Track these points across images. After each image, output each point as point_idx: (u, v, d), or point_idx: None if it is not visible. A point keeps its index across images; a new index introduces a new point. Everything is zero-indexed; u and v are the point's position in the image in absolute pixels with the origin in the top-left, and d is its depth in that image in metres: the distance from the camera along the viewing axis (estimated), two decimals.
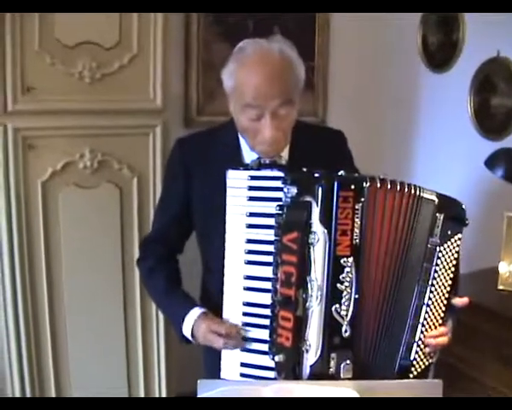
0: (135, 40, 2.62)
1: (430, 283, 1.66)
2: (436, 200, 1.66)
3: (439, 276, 1.67)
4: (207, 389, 1.42)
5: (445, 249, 1.67)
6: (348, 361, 1.58)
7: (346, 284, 1.56)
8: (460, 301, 1.71)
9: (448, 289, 1.69)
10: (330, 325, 1.56)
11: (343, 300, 1.56)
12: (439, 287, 1.67)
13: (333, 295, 1.56)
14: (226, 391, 1.42)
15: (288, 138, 1.82)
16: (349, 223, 1.56)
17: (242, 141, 1.86)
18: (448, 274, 1.68)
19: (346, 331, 1.57)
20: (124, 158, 2.70)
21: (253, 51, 1.72)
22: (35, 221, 2.55)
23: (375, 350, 1.63)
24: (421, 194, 1.65)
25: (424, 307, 1.66)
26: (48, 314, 2.64)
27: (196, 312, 1.80)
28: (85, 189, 2.65)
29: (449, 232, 1.67)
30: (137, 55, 2.64)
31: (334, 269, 1.55)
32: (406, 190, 1.63)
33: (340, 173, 1.58)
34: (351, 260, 1.56)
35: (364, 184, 1.58)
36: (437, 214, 1.66)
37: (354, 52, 3.67)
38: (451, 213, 1.68)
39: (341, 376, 1.57)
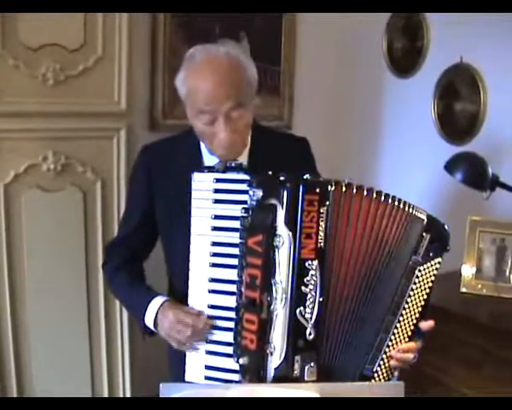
0: (100, 42, 2.62)
1: (405, 299, 1.66)
2: (425, 219, 1.67)
3: (414, 295, 1.67)
4: (171, 393, 1.41)
5: (424, 270, 1.67)
6: (312, 364, 1.58)
7: (311, 286, 1.56)
8: (426, 324, 1.72)
9: (420, 309, 1.69)
10: (295, 328, 1.56)
11: (307, 303, 1.56)
12: (413, 305, 1.68)
13: (297, 298, 1.55)
14: (190, 394, 1.42)
15: (245, 141, 1.83)
16: (314, 226, 1.55)
17: (203, 146, 1.86)
18: (422, 295, 1.68)
19: (310, 334, 1.57)
20: (88, 161, 2.69)
21: (201, 57, 1.73)
22: None
23: (340, 354, 1.64)
24: (413, 211, 1.66)
25: (395, 322, 1.67)
26: (10, 315, 2.62)
27: (160, 300, 1.79)
28: (49, 192, 2.63)
29: (431, 254, 1.68)
30: (102, 57, 2.63)
31: (299, 272, 1.55)
32: (390, 201, 1.63)
33: (305, 177, 1.58)
34: (315, 263, 1.56)
35: (329, 187, 1.58)
36: (423, 234, 1.66)
37: (320, 57, 3.70)
38: (436, 235, 1.68)
39: (305, 378, 1.57)
